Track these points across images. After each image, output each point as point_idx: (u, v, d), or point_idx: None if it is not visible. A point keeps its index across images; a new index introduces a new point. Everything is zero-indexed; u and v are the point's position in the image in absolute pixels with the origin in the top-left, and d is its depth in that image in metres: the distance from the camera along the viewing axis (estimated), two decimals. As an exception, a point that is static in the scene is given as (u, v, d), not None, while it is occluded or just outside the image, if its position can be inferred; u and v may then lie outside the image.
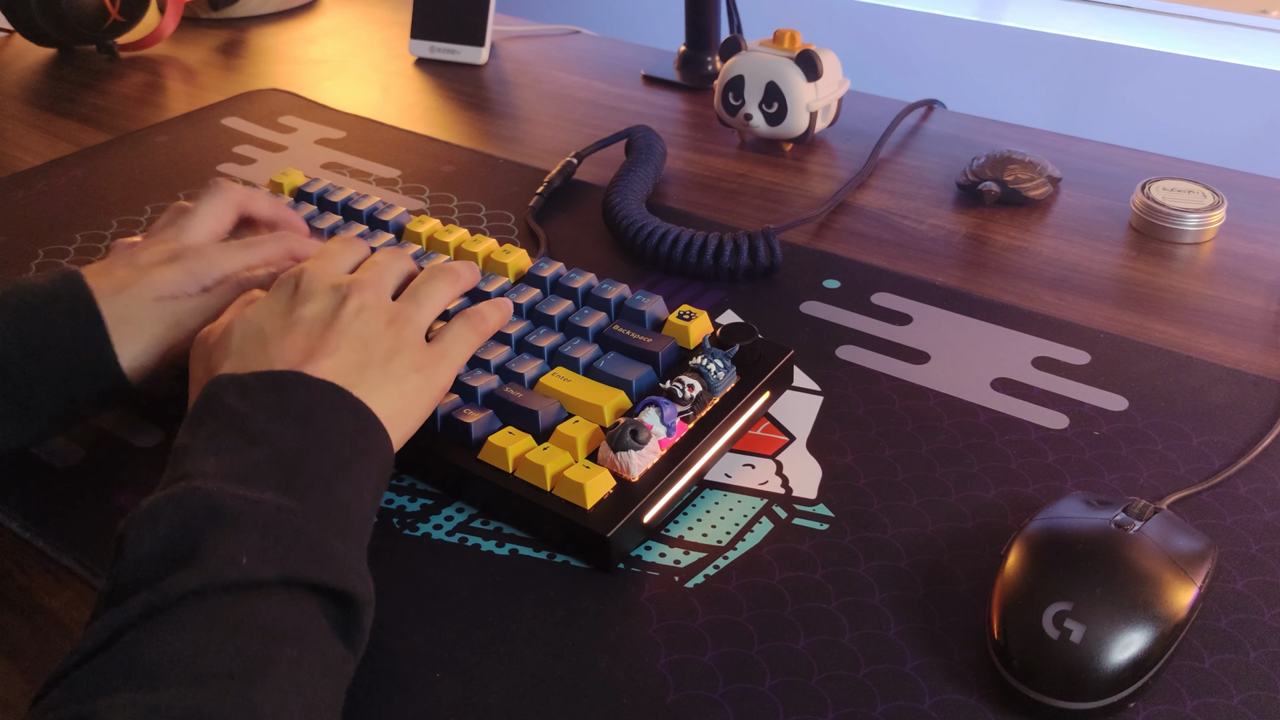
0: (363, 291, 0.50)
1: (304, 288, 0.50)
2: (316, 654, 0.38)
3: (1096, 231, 0.75)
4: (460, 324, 0.52)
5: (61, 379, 0.51)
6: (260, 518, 0.39)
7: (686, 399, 0.52)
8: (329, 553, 0.40)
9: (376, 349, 0.48)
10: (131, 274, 0.53)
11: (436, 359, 0.50)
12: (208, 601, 0.36)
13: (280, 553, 0.38)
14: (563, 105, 0.96)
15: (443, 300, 0.53)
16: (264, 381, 0.45)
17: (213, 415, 0.43)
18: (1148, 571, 0.43)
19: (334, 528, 0.41)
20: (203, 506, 0.39)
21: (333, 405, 0.45)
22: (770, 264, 0.68)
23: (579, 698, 0.43)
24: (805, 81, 0.81)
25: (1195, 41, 1.53)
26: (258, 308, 0.49)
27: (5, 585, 0.49)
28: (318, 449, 0.43)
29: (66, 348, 0.51)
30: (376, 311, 0.49)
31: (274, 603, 0.37)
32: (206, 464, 0.41)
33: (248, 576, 0.37)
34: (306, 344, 0.47)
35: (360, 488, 0.43)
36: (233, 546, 0.38)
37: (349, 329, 0.48)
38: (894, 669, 0.44)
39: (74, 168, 0.84)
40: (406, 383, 0.48)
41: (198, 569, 0.37)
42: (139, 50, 1.08)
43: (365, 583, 0.41)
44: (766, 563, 0.49)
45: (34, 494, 0.53)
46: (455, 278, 0.54)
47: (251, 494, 0.40)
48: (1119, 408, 0.58)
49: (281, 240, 0.59)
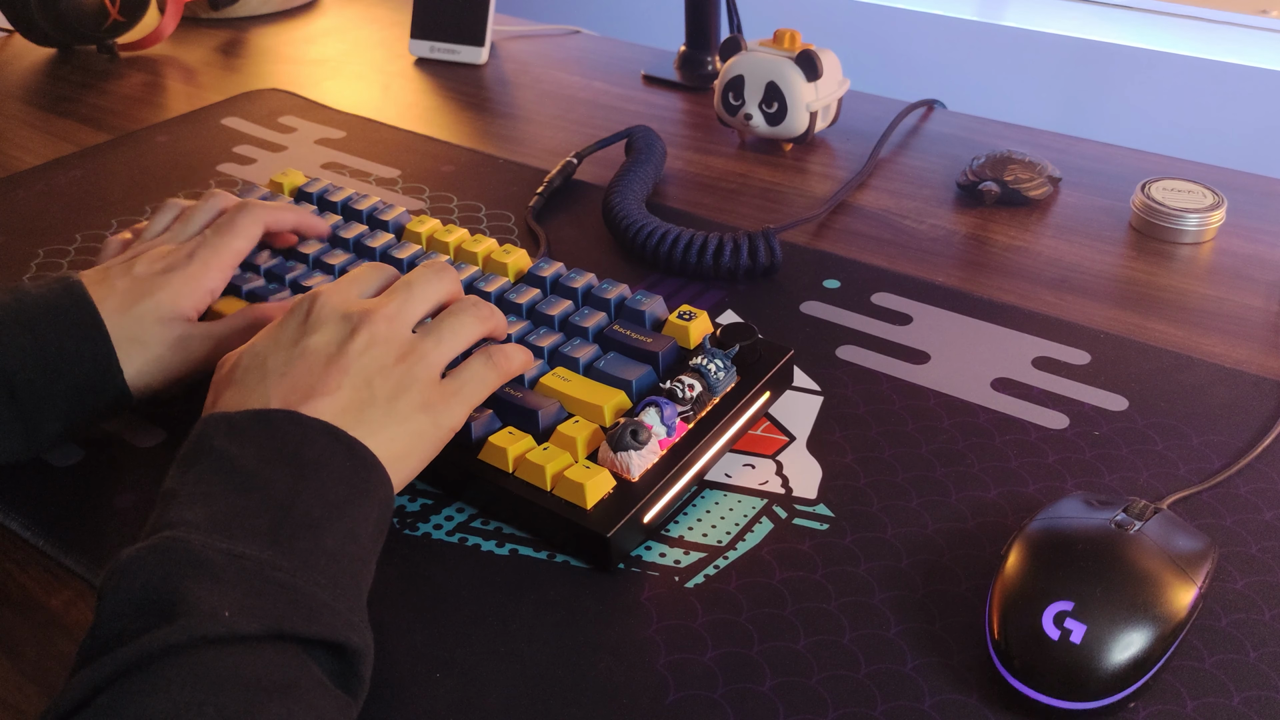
0: (374, 323, 0.47)
1: (314, 316, 0.47)
2: (306, 707, 0.36)
3: (1096, 231, 0.75)
4: (480, 362, 0.50)
5: (68, 392, 0.50)
6: (244, 572, 0.38)
7: (686, 399, 0.52)
8: (316, 605, 0.38)
9: (381, 387, 0.46)
10: (132, 287, 0.53)
11: (447, 398, 0.47)
12: (189, 658, 0.35)
13: (264, 606, 0.37)
14: (563, 105, 0.96)
15: (467, 338, 0.50)
16: (256, 421, 0.43)
17: (202, 457, 0.42)
18: (1148, 571, 0.43)
19: (323, 578, 0.39)
20: (184, 559, 0.37)
21: (326, 447, 0.43)
22: (770, 264, 0.68)
23: (579, 698, 0.43)
24: (805, 81, 0.81)
25: (1195, 41, 1.53)
26: (265, 336, 0.48)
27: (5, 585, 0.49)
28: (308, 494, 0.41)
29: (73, 362, 0.50)
30: (387, 346, 0.47)
31: (259, 657, 0.36)
32: (191, 512, 0.40)
33: (231, 631, 0.35)
34: (307, 380, 0.45)
35: (356, 532, 0.42)
36: (215, 600, 0.36)
37: (354, 364, 0.46)
38: (894, 669, 0.44)
39: (74, 168, 0.84)
40: (411, 423, 0.46)
41: (178, 624, 0.35)
42: (139, 50, 1.08)
43: (359, 633, 0.39)
44: (766, 563, 0.49)
45: (34, 494, 0.53)
46: (487, 315, 0.51)
47: (235, 547, 0.38)
48: (1119, 408, 0.58)
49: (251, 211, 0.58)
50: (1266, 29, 1.51)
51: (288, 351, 0.46)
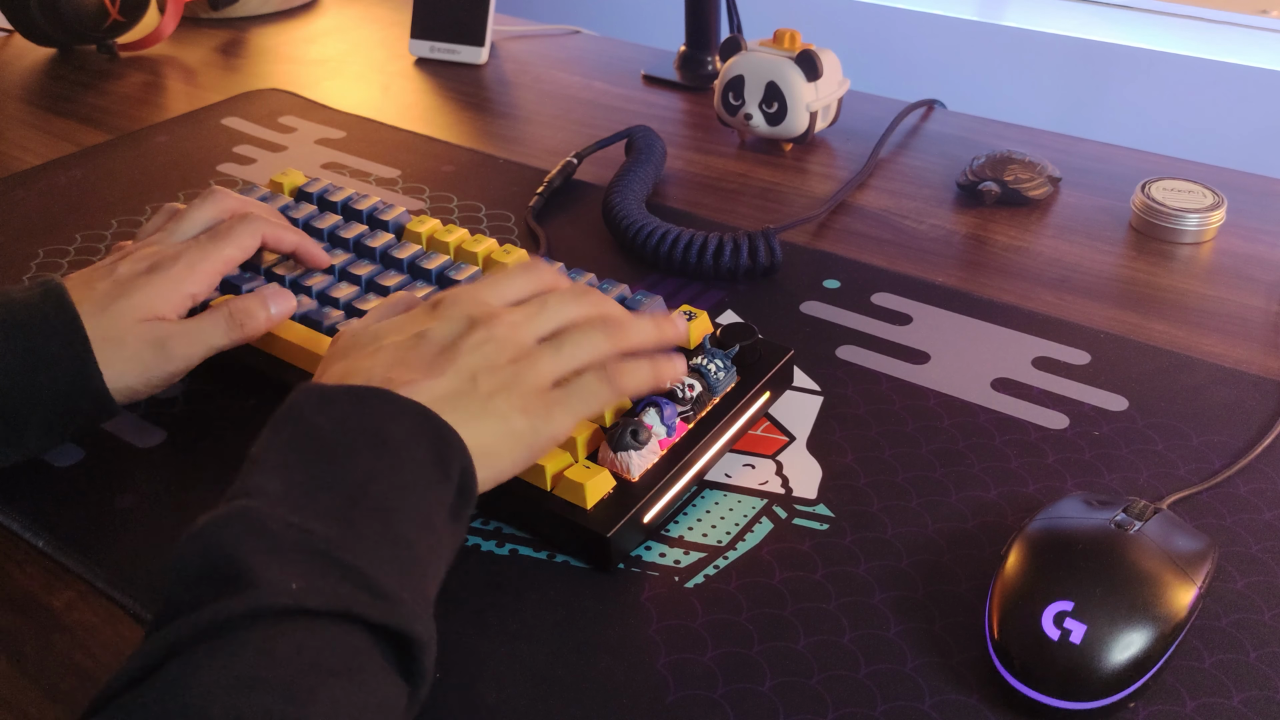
0: (496, 326, 0.46)
1: (442, 309, 0.47)
2: (367, 691, 0.35)
3: (1096, 231, 0.75)
4: (595, 375, 0.47)
5: (49, 398, 0.50)
6: (312, 548, 0.37)
7: (687, 399, 0.52)
8: (381, 589, 0.37)
9: (485, 382, 0.45)
10: (112, 288, 0.52)
11: (550, 406, 0.46)
12: (254, 630, 0.35)
13: (330, 585, 0.37)
14: (563, 105, 0.96)
15: (592, 354, 0.48)
16: (349, 396, 0.42)
17: (289, 425, 0.42)
18: (1148, 571, 0.43)
19: (391, 563, 0.39)
20: (255, 529, 0.37)
21: (414, 428, 0.42)
22: (770, 264, 0.68)
23: (579, 698, 0.43)
24: (805, 81, 0.81)
25: (1195, 41, 1.53)
26: (396, 320, 0.48)
27: (5, 585, 0.49)
28: (387, 473, 0.40)
29: (52, 366, 0.50)
30: (502, 346, 0.46)
31: (323, 635, 0.36)
32: (270, 481, 0.39)
33: (297, 604, 0.35)
34: (414, 365, 0.45)
35: (430, 517, 0.41)
36: (284, 574, 0.36)
37: (462, 358, 0.45)
38: (894, 669, 0.44)
39: (74, 168, 0.84)
40: (507, 422, 0.44)
41: (246, 594, 0.35)
42: (139, 50, 1.08)
43: (423, 622, 0.38)
44: (766, 563, 0.49)
45: (34, 494, 0.53)
46: (620, 336, 0.49)
47: (305, 522, 0.38)
48: (1119, 408, 0.58)
49: (250, 223, 0.57)
50: (1266, 29, 1.51)
51: (404, 336, 0.46)
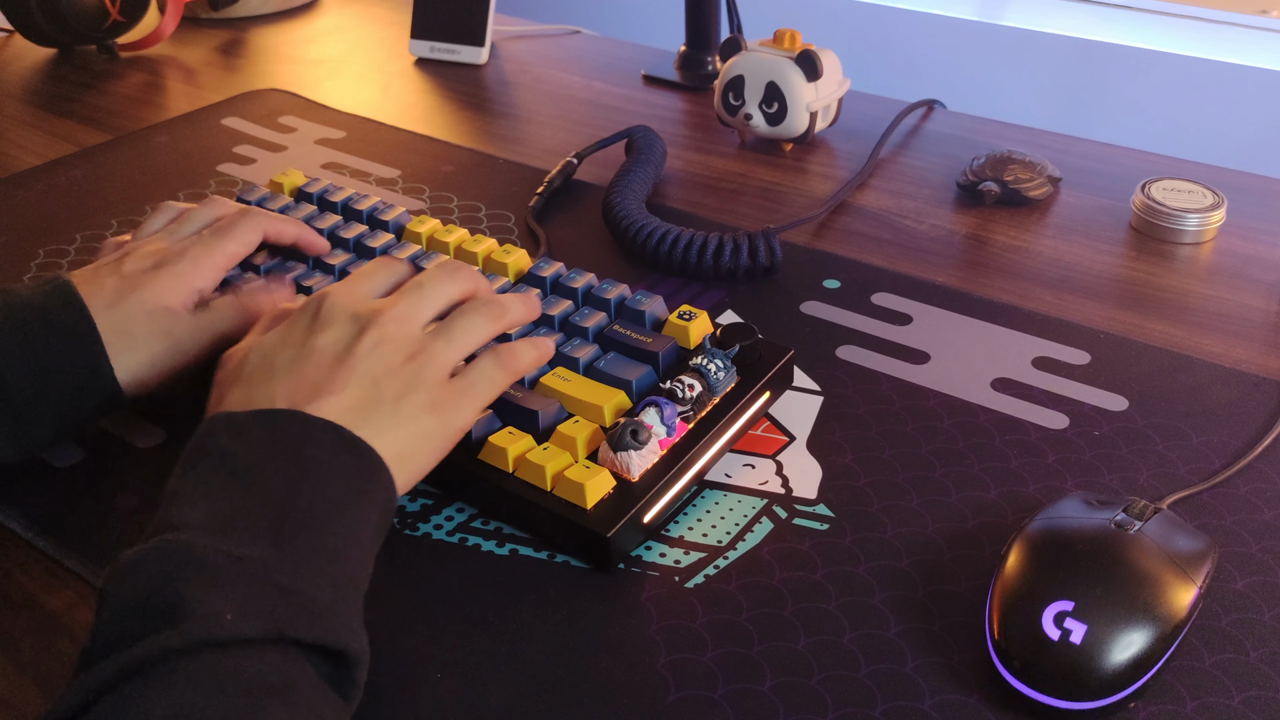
0: (383, 324, 0.47)
1: (324, 314, 0.47)
2: (306, 710, 0.36)
3: (1096, 231, 0.75)
4: (489, 361, 0.49)
5: (59, 393, 0.50)
6: (245, 575, 0.38)
7: (686, 399, 0.52)
8: (317, 608, 0.38)
9: (389, 386, 0.45)
10: (121, 284, 0.53)
11: (455, 398, 0.47)
12: (191, 661, 0.35)
13: (266, 610, 0.37)
14: (563, 105, 0.96)
15: (479, 338, 0.49)
16: (260, 420, 0.43)
17: (204, 457, 0.42)
18: (1148, 571, 0.43)
19: (324, 578, 0.39)
20: (185, 561, 0.37)
21: (330, 445, 0.43)
22: (770, 264, 0.68)
23: (579, 698, 0.43)
24: (805, 81, 0.81)
25: (1195, 41, 1.53)
26: (275, 334, 0.48)
27: (5, 585, 0.49)
28: (309, 493, 0.41)
29: (64, 362, 0.50)
30: (396, 345, 0.47)
31: (259, 659, 0.36)
32: (193, 512, 0.40)
33: (232, 634, 0.35)
34: (314, 379, 0.45)
35: (356, 531, 0.42)
36: (217, 603, 0.36)
37: (361, 364, 0.45)
38: (894, 669, 0.44)
39: (74, 168, 0.84)
40: (417, 423, 0.45)
41: (181, 628, 0.35)
42: (139, 50, 1.08)
43: (357, 638, 0.39)
44: (766, 563, 0.49)
45: (34, 494, 0.53)
46: (499, 313, 0.50)
47: (236, 549, 0.38)
48: (1119, 408, 0.58)
49: (251, 218, 0.57)
50: (1266, 29, 1.51)
51: (295, 350, 0.46)
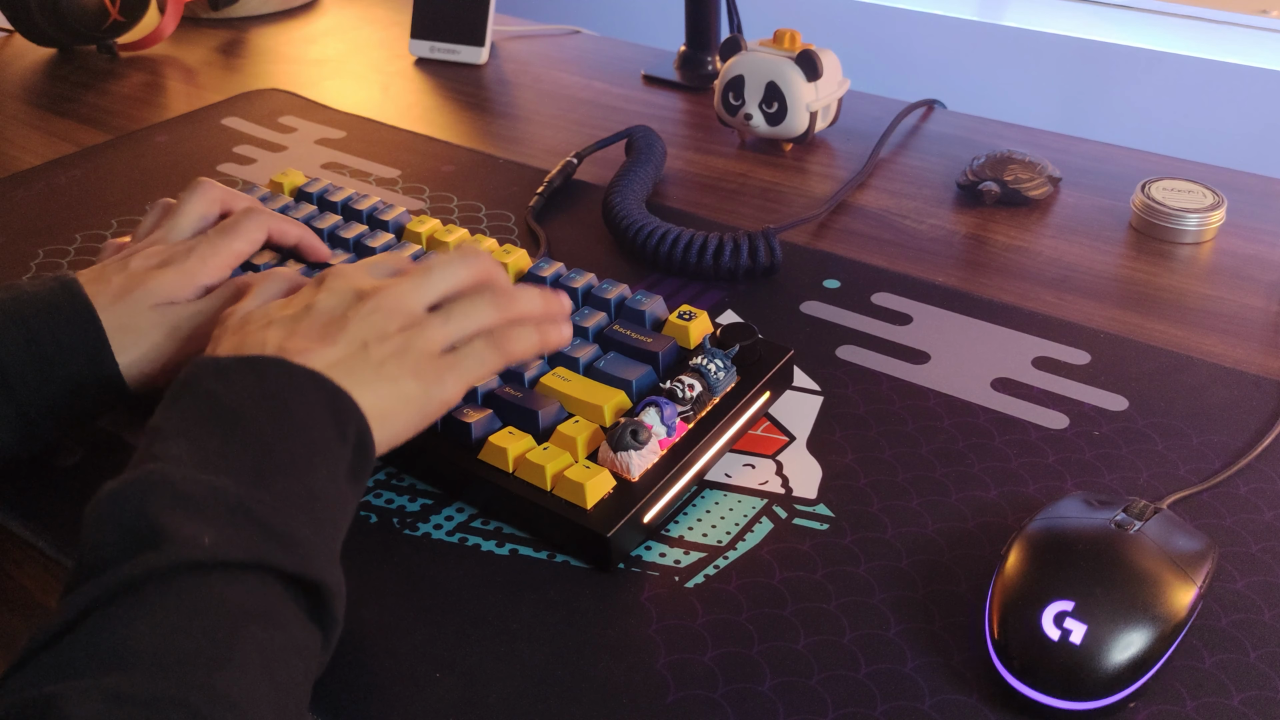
0: (384, 296, 0.47)
1: (328, 283, 0.48)
2: (285, 635, 0.37)
3: (1096, 231, 0.75)
4: (483, 341, 0.48)
5: (64, 387, 0.51)
6: (223, 504, 0.39)
7: (686, 399, 0.52)
8: (294, 540, 0.39)
9: (376, 350, 0.46)
10: (127, 280, 0.53)
11: (442, 370, 0.47)
12: (173, 582, 0.36)
13: (244, 538, 0.38)
14: (563, 105, 0.96)
15: (478, 320, 0.49)
16: (244, 365, 0.44)
17: (188, 396, 0.43)
18: (1148, 571, 0.43)
19: (302, 515, 0.40)
20: (166, 491, 0.38)
21: (311, 393, 0.43)
22: (770, 264, 0.68)
23: (579, 698, 0.43)
24: (805, 81, 0.81)
25: (1195, 41, 1.53)
26: (281, 300, 0.49)
27: (5, 585, 0.49)
28: (290, 436, 0.42)
29: (69, 357, 0.51)
30: (390, 315, 0.47)
31: (240, 584, 0.37)
32: (175, 447, 0.40)
33: (213, 557, 0.37)
34: (305, 334, 0.46)
35: (334, 474, 0.42)
36: (197, 529, 0.37)
37: (353, 326, 0.46)
38: (894, 669, 0.44)
39: (74, 168, 0.84)
40: (399, 385, 0.46)
41: (162, 550, 0.36)
42: (139, 50, 1.08)
43: (333, 572, 0.40)
44: (766, 563, 0.49)
45: (34, 494, 0.53)
46: (505, 302, 0.50)
47: (216, 480, 0.39)
48: (1119, 408, 0.58)
49: (255, 217, 0.58)
50: (1266, 29, 1.51)
51: (294, 309, 0.47)
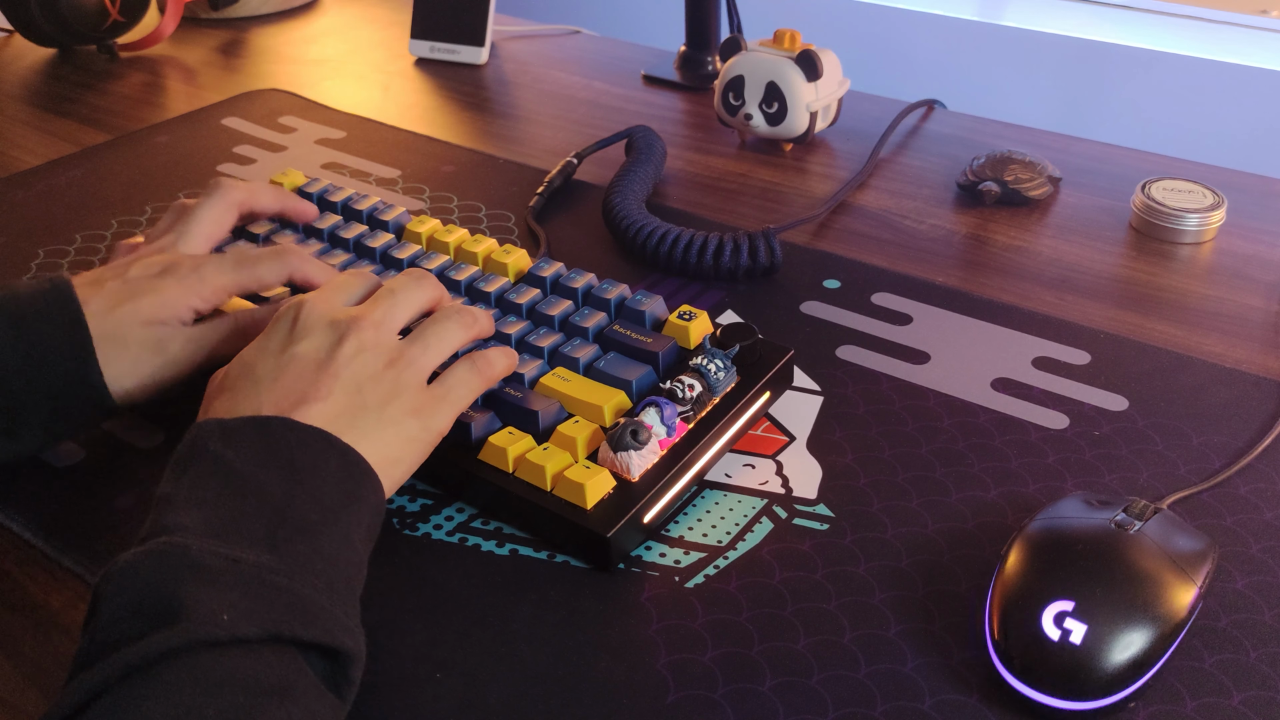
0: (362, 330, 0.48)
1: (301, 323, 0.48)
2: (302, 709, 0.36)
3: (1096, 231, 0.75)
4: (465, 368, 0.50)
5: (50, 393, 0.50)
6: (241, 576, 0.38)
7: (686, 399, 0.52)
8: (313, 608, 0.39)
9: (372, 393, 0.46)
10: (121, 288, 0.53)
11: (435, 403, 0.48)
12: (188, 661, 0.35)
13: (262, 610, 0.37)
14: (563, 105, 0.96)
15: (452, 344, 0.50)
16: (251, 426, 0.43)
17: (197, 462, 0.42)
18: (1148, 571, 0.43)
19: (319, 581, 0.40)
20: (182, 563, 0.37)
21: (321, 452, 0.43)
22: (770, 264, 0.68)
23: (579, 698, 0.43)
24: (805, 81, 0.81)
25: (1195, 41, 1.53)
26: (255, 344, 0.48)
27: (5, 585, 0.49)
28: (303, 498, 0.41)
29: (57, 357, 0.50)
30: (375, 353, 0.47)
31: (257, 659, 0.36)
32: (188, 516, 0.40)
33: (230, 634, 0.36)
34: (299, 387, 0.45)
35: (349, 536, 0.42)
36: (214, 604, 0.36)
37: (344, 371, 0.46)
38: (894, 669, 0.44)
39: (74, 168, 0.84)
40: (402, 428, 0.46)
41: (178, 627, 0.35)
42: (139, 50, 1.08)
43: (353, 637, 0.40)
44: (766, 563, 0.49)
45: (34, 494, 0.53)
46: (470, 322, 0.52)
47: (232, 551, 0.39)
48: (1119, 408, 0.58)
49: (281, 259, 0.56)
50: (1266, 29, 1.51)
51: (276, 359, 0.47)
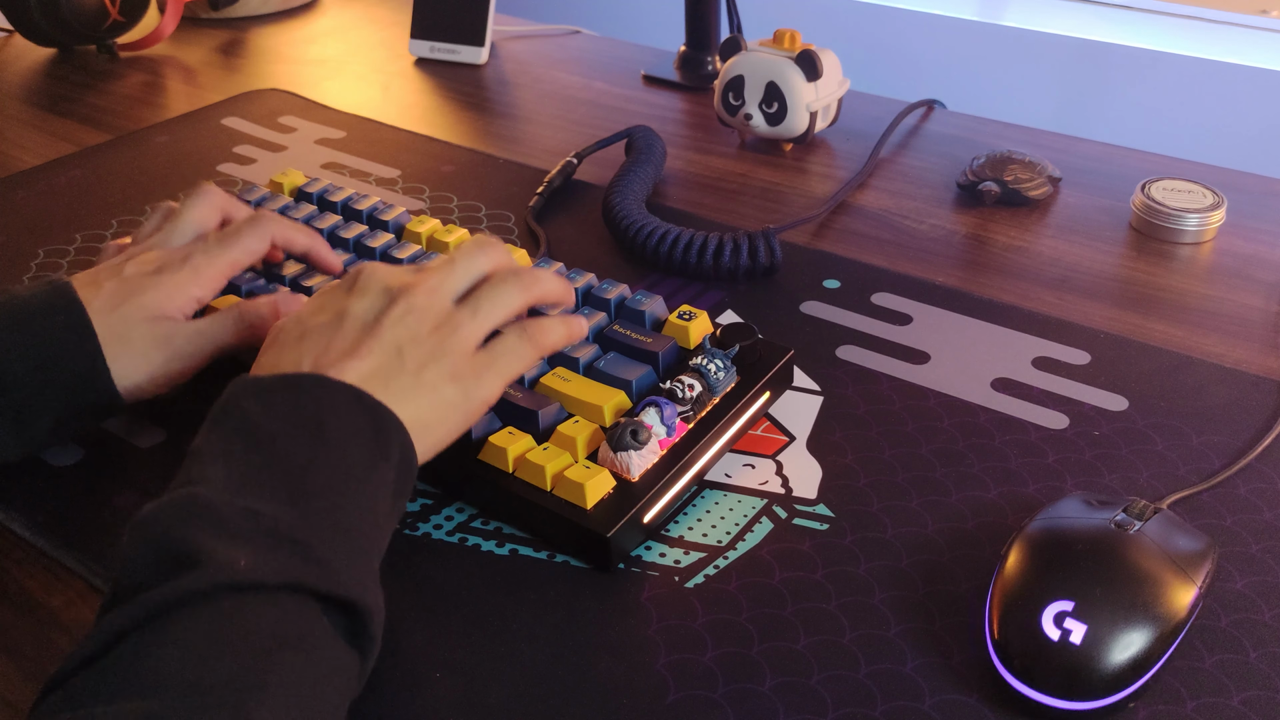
0: (414, 295, 0.47)
1: (359, 285, 0.48)
2: (320, 659, 0.37)
3: (1096, 231, 0.75)
4: (515, 335, 0.49)
5: (59, 392, 0.51)
6: (260, 529, 0.39)
7: (686, 399, 0.52)
8: (331, 562, 0.39)
9: (412, 356, 0.46)
10: (119, 286, 0.53)
11: (479, 370, 0.47)
12: (208, 606, 0.36)
13: (280, 560, 0.38)
14: (563, 105, 0.96)
15: (507, 309, 0.49)
16: (284, 384, 0.44)
17: (229, 418, 0.43)
18: (1148, 571, 0.43)
19: (339, 539, 0.40)
20: (202, 514, 0.38)
21: (350, 410, 0.43)
22: (770, 264, 0.68)
23: (579, 698, 0.43)
24: (805, 81, 0.81)
25: (1195, 41, 1.53)
26: (313, 301, 0.49)
27: (5, 585, 0.49)
28: (327, 457, 0.42)
29: (64, 361, 0.50)
30: (423, 315, 0.47)
31: (275, 607, 0.37)
32: (213, 470, 0.41)
33: (248, 579, 0.37)
34: (341, 345, 0.46)
35: (374, 495, 0.42)
36: (232, 552, 0.37)
37: (387, 333, 0.46)
38: (894, 669, 0.44)
39: (74, 168, 0.84)
40: (439, 392, 0.46)
41: (198, 572, 0.36)
42: (139, 50, 1.08)
43: (372, 593, 0.40)
44: (766, 563, 0.49)
45: (34, 494, 0.53)
46: (530, 283, 0.50)
47: (253, 504, 0.39)
48: (1119, 408, 0.58)
49: (260, 224, 0.57)
50: (1266, 29, 1.51)
51: (328, 316, 0.47)
